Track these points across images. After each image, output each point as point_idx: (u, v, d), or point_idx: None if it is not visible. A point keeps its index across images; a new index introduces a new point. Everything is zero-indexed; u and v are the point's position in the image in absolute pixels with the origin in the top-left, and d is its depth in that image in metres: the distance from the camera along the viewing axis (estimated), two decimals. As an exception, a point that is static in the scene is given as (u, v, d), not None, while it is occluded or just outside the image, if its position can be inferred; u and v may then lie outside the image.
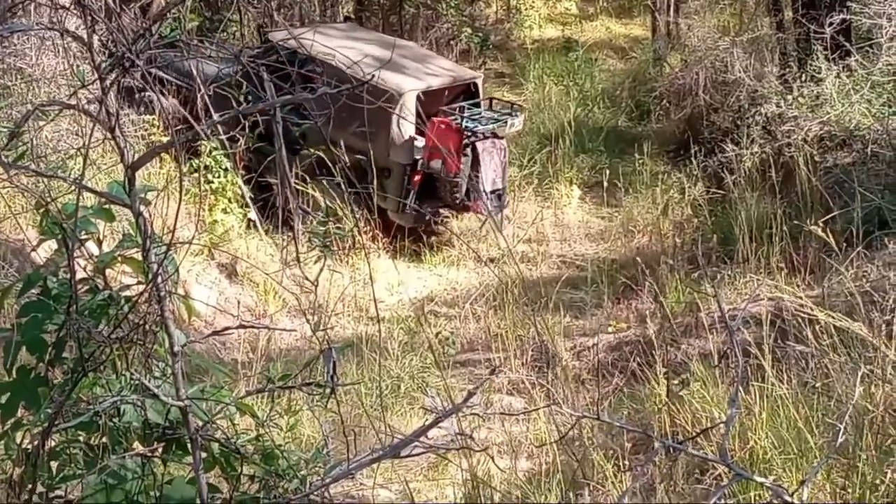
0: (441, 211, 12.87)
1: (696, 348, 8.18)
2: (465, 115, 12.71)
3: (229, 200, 11.47)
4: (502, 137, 13.00)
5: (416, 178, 12.47)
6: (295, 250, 11.65)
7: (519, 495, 6.42)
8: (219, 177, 11.37)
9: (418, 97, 12.38)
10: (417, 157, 12.41)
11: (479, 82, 13.67)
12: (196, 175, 11.23)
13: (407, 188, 12.44)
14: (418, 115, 12.26)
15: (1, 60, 10.14)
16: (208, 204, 11.34)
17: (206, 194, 11.27)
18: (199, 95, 4.07)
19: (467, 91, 13.28)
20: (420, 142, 12.46)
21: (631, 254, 12.18)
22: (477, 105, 13.13)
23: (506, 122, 13.03)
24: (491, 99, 13.91)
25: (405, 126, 12.26)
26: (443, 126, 12.32)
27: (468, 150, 12.47)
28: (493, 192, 12.67)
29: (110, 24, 2.96)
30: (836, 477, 5.28)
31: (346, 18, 17.28)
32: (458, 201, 12.57)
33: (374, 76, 12.99)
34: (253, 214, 11.72)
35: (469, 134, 12.50)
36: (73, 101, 3.14)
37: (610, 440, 6.54)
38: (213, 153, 11.25)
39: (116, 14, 2.95)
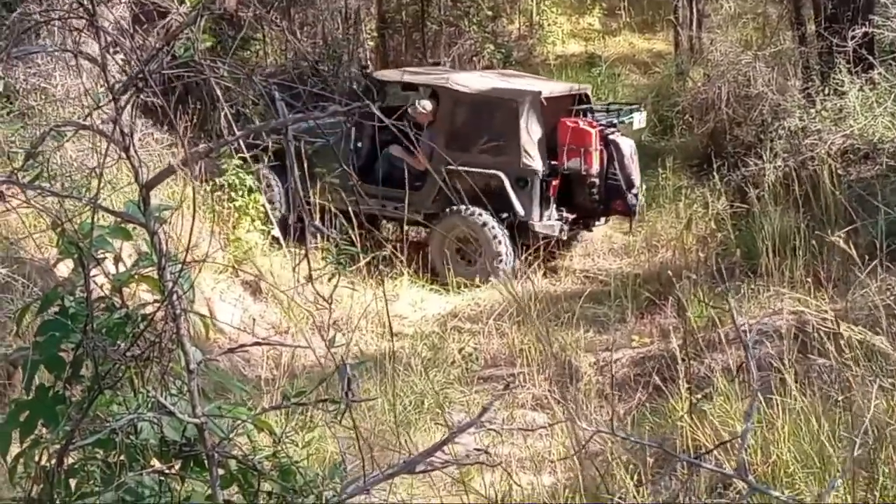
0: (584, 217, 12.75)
1: (718, 363, 8.15)
2: (594, 113, 12.66)
3: (252, 219, 11.51)
4: (628, 136, 12.86)
5: (554, 182, 12.32)
6: (308, 267, 11.66)
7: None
8: (242, 195, 11.41)
9: (541, 103, 12.26)
10: (552, 161, 12.28)
11: (590, 92, 13.60)
12: (219, 194, 11.30)
13: (546, 195, 12.28)
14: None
15: (25, 80, 10.23)
16: (232, 222, 11.39)
17: (229, 212, 11.32)
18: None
19: (580, 101, 13.11)
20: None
21: (654, 268, 12.17)
22: (592, 111, 13.06)
23: (633, 119, 12.94)
24: (609, 103, 13.85)
25: (534, 131, 12.15)
26: (575, 124, 12.14)
27: (603, 149, 12.30)
28: (630, 188, 12.51)
29: (124, 45, 2.99)
30: (858, 490, 5.26)
31: (435, 63, 17.46)
32: (597, 202, 12.40)
33: (494, 87, 12.89)
34: (276, 232, 11.76)
35: (603, 129, 12.35)
36: (88, 122, 3.16)
37: (632, 455, 6.52)
38: (237, 171, 11.32)
39: (130, 35, 2.98)
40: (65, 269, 3.91)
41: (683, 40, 19.92)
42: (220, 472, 3.32)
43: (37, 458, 3.45)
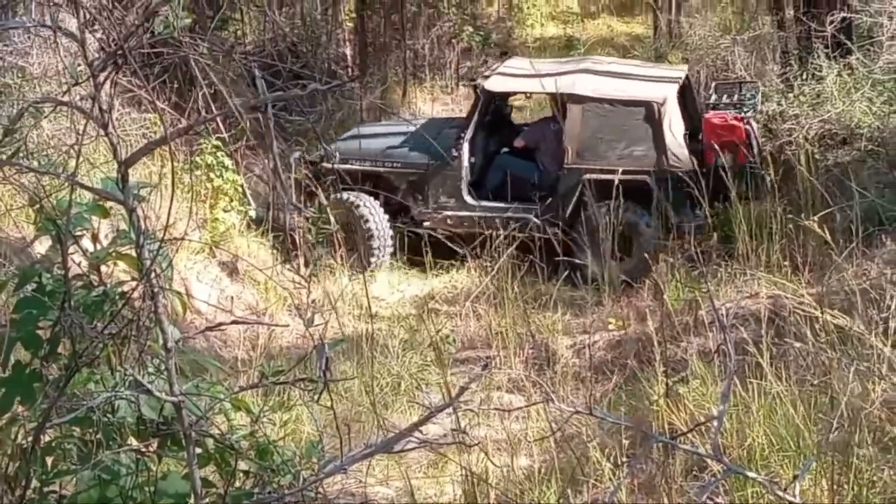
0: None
1: (695, 346, 8.19)
2: (728, 103, 12.24)
3: (230, 199, 11.47)
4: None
5: (703, 181, 11.42)
6: (287, 249, 11.65)
7: (517, 493, 6.43)
8: (220, 175, 11.36)
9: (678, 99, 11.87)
10: (695, 159, 11.65)
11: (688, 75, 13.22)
12: (199, 174, 11.25)
13: (694, 194, 11.27)
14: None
15: (1, 59, 10.17)
16: (209, 202, 11.35)
17: (206, 192, 11.28)
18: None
19: (685, 85, 12.65)
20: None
21: (632, 252, 12.17)
22: (691, 93, 12.69)
23: (757, 100, 12.44)
24: (716, 83, 13.49)
25: (677, 129, 11.64)
26: (720, 120, 11.68)
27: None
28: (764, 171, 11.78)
29: (103, 21, 2.97)
30: (834, 474, 5.29)
31: (503, 54, 17.06)
32: (744, 192, 11.56)
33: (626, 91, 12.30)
34: (254, 213, 11.74)
35: (746, 121, 11.78)
36: (66, 99, 3.14)
37: (608, 437, 6.55)
38: (216, 152, 11.27)
39: (109, 11, 2.96)
40: (42, 246, 3.89)
41: (662, 24, 19.92)
42: (198, 450, 3.32)
43: (13, 436, 3.43)
